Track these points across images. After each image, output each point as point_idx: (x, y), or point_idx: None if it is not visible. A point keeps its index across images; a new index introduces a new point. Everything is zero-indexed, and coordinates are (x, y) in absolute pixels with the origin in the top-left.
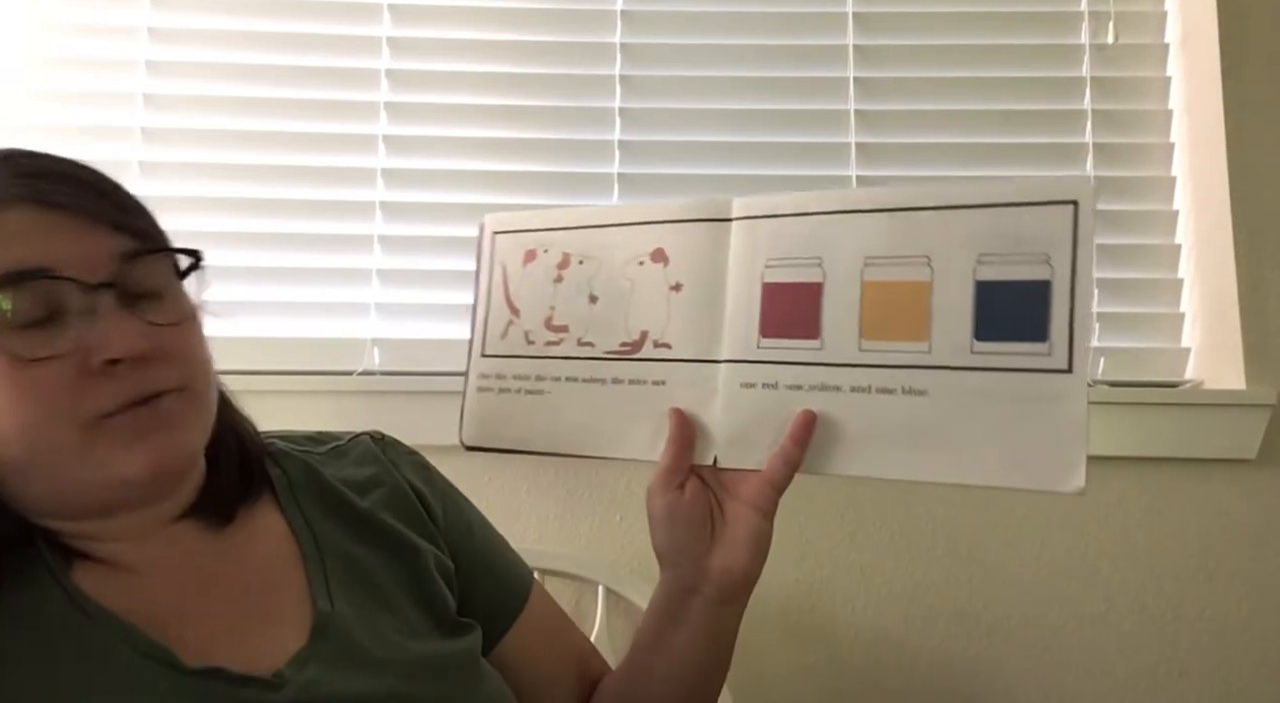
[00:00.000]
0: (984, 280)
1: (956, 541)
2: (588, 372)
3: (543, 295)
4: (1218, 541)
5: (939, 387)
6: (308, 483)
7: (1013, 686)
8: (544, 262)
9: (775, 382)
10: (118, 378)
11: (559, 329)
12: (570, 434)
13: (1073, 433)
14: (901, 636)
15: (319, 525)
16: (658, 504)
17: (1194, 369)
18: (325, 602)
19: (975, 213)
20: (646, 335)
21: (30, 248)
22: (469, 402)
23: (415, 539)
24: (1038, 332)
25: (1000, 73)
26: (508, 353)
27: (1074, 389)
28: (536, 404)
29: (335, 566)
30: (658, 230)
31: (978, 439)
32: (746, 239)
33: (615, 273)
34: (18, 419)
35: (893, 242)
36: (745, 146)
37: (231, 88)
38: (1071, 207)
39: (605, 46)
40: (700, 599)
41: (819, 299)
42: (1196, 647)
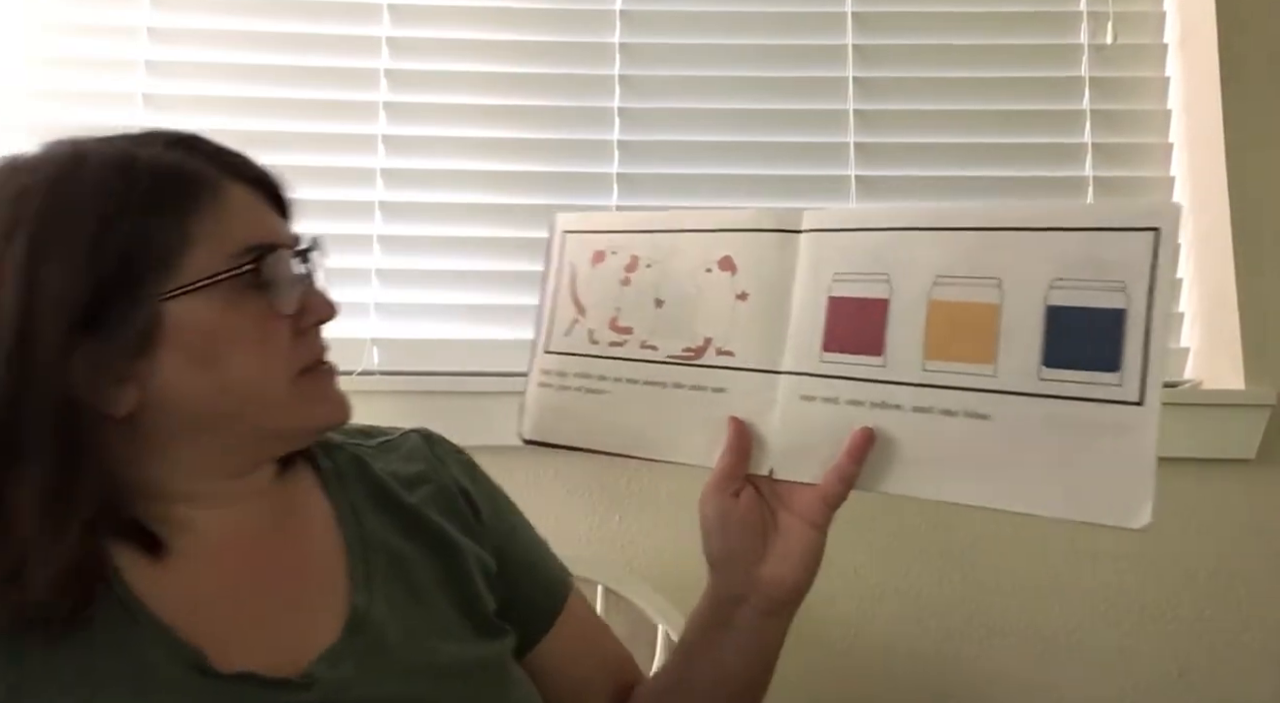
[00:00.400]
0: (1056, 305)
1: (954, 541)
2: (649, 375)
3: (609, 296)
4: (1218, 541)
5: (1002, 412)
6: (357, 475)
7: (1012, 686)
8: (612, 263)
9: (836, 396)
10: (311, 339)
11: (623, 331)
12: (627, 435)
13: (1141, 467)
14: (900, 637)
15: (365, 517)
16: (711, 510)
17: (1193, 369)
18: (363, 597)
19: (1051, 235)
20: (710, 342)
21: (259, 221)
22: (530, 396)
23: (459, 537)
24: (1109, 361)
25: (999, 73)
26: (571, 351)
27: (1144, 422)
28: (596, 403)
29: (377, 559)
30: (727, 238)
31: (1039, 468)
32: (814, 252)
33: (683, 278)
34: (254, 368)
35: (963, 261)
36: (745, 146)
37: (231, 88)
38: (1153, 234)
39: (605, 46)
40: (748, 609)
41: (884, 315)
42: (1196, 647)
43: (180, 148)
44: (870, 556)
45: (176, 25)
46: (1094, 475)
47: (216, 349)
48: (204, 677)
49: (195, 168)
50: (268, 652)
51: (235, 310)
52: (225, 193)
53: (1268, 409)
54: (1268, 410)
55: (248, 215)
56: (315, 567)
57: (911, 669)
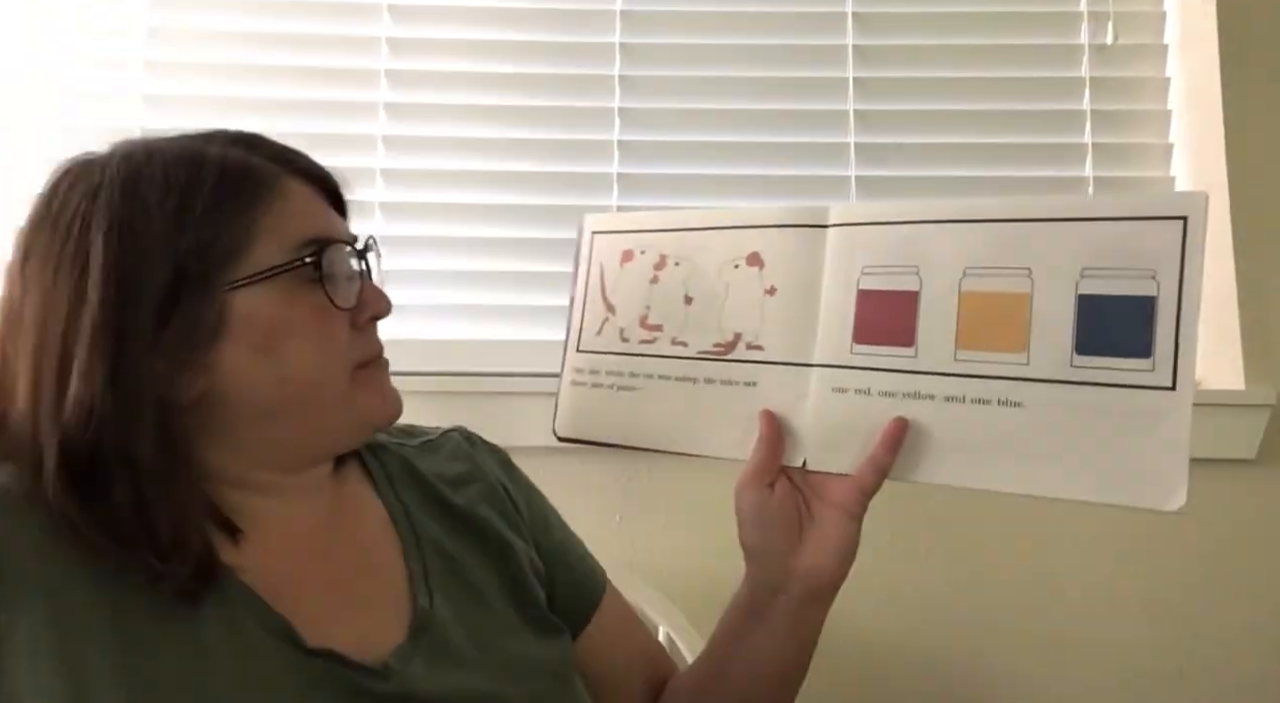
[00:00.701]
0: (1087, 294)
1: (956, 541)
2: (681, 371)
3: (639, 295)
4: (1218, 541)
5: (1036, 399)
6: (406, 476)
7: (1012, 686)
8: (641, 262)
9: (868, 388)
10: (369, 334)
11: (653, 328)
12: (661, 430)
13: (1175, 451)
14: (901, 636)
15: (417, 518)
16: (747, 501)
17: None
18: (425, 599)
19: (1080, 226)
20: (740, 337)
21: (319, 217)
22: (563, 394)
23: (509, 536)
24: (1141, 348)
25: (1000, 73)
26: (602, 350)
27: (1178, 407)
28: (629, 400)
29: (434, 560)
30: (753, 235)
31: (1074, 453)
32: (843, 246)
33: (711, 275)
34: (312, 360)
35: (993, 252)
36: (745, 146)
37: (231, 87)
38: (1181, 223)
39: (605, 46)
40: (785, 598)
41: (915, 307)
42: (1196, 647)
43: (243, 146)
44: (873, 555)
45: (176, 25)
46: (1129, 460)
47: (277, 340)
48: (295, 649)
49: (259, 165)
50: (345, 639)
51: (296, 303)
52: (287, 189)
53: (1268, 409)
54: (1268, 410)
55: (308, 211)
56: (375, 565)
57: (912, 668)
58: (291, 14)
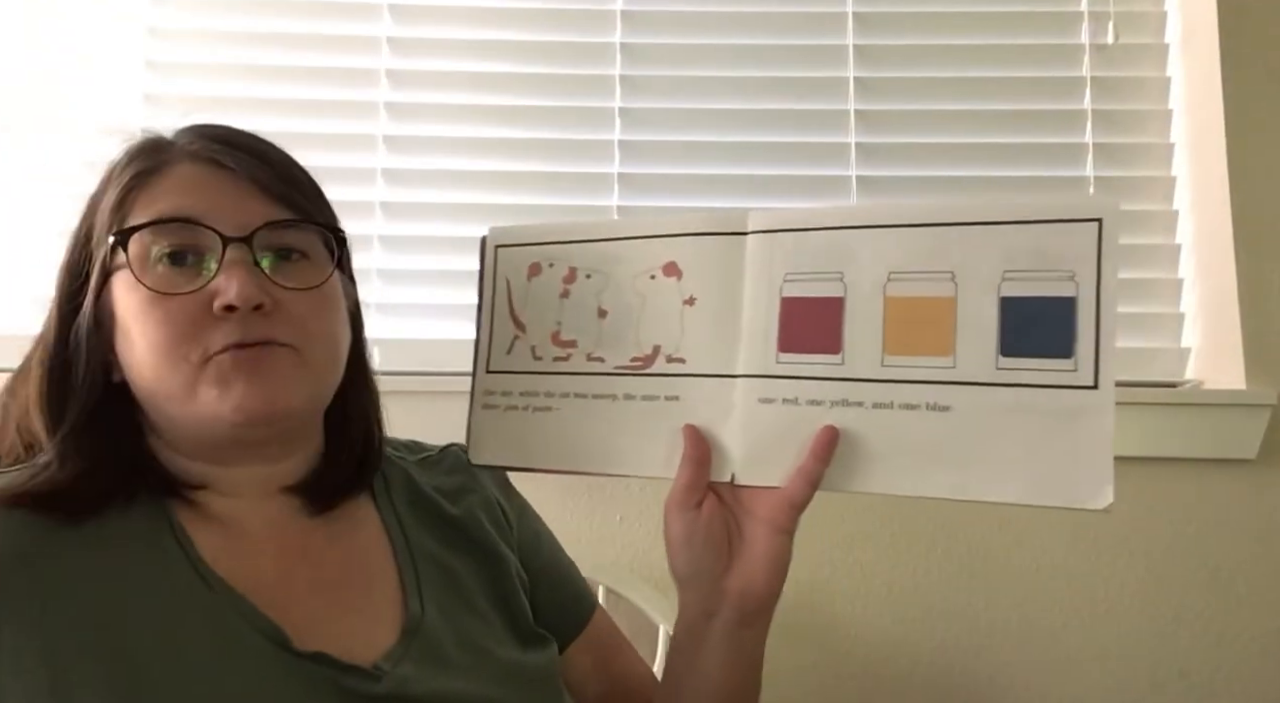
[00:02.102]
0: (1009, 297)
1: (956, 541)
2: (597, 388)
3: (549, 310)
4: (1218, 541)
5: (963, 403)
6: (404, 488)
7: (1013, 686)
8: (550, 275)
9: (795, 397)
10: (232, 322)
11: (567, 344)
12: (580, 451)
13: (1099, 449)
14: (901, 636)
15: (411, 530)
16: (675, 525)
17: (1194, 369)
18: (416, 604)
19: (1001, 229)
20: (659, 350)
21: (189, 198)
22: (474, 420)
23: (501, 548)
24: (1064, 348)
25: (1000, 73)
26: (514, 369)
27: (1101, 405)
28: (545, 421)
29: (427, 569)
30: (669, 244)
31: (1002, 456)
32: (763, 252)
33: (625, 287)
34: (149, 348)
35: (917, 257)
36: (745, 146)
37: (231, 87)
38: (1096, 224)
39: (605, 46)
40: (720, 622)
41: (840, 313)
42: (1196, 647)
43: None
44: (875, 555)
45: (176, 25)
46: (1055, 460)
47: (128, 325)
48: (283, 651)
49: (163, 149)
50: (337, 644)
51: (136, 289)
52: (169, 169)
53: (1268, 409)
54: (1268, 410)
55: (170, 195)
56: (367, 572)
57: (913, 669)
58: (292, 13)
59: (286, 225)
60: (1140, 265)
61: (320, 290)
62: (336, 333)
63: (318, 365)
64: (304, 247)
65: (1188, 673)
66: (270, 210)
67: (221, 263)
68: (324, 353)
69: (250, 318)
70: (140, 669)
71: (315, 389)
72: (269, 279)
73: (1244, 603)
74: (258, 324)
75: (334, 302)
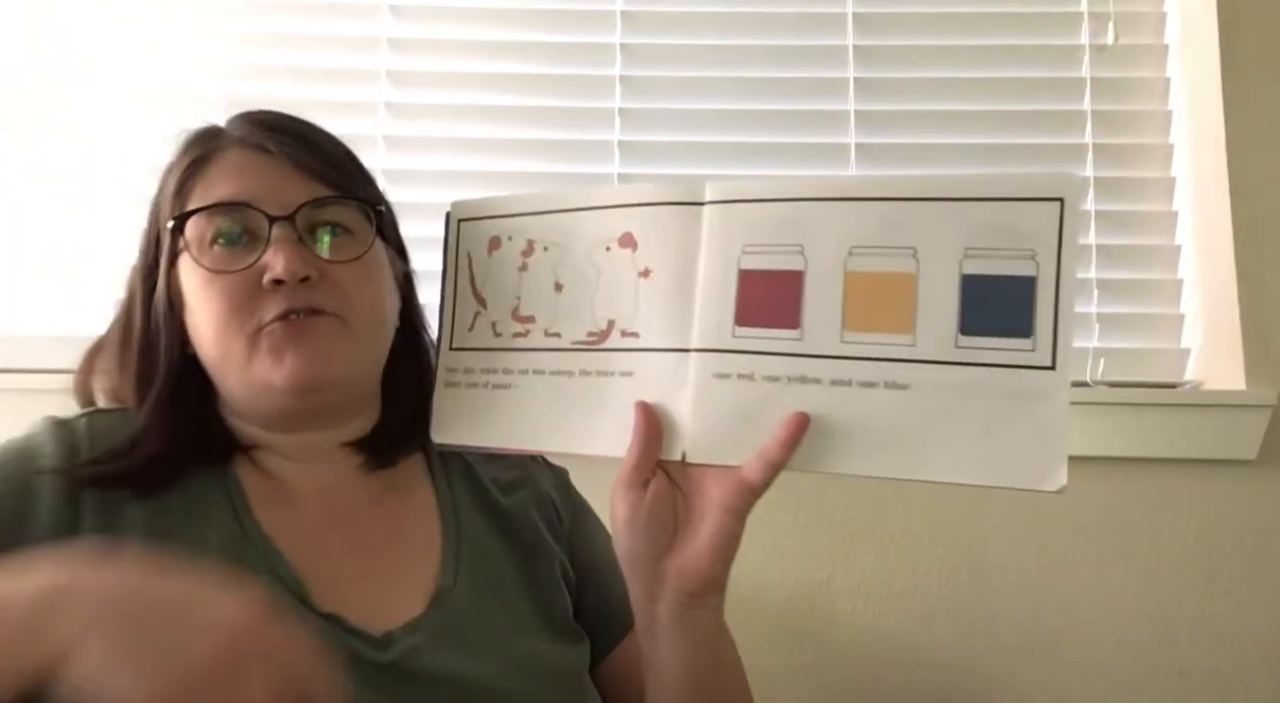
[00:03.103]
0: (970, 274)
1: (956, 541)
2: (554, 364)
3: (509, 285)
4: (1218, 541)
5: (921, 381)
6: (463, 475)
7: (1012, 686)
8: (509, 249)
9: (751, 372)
10: (280, 294)
11: (525, 320)
12: (538, 430)
13: (1054, 431)
14: (901, 636)
15: (464, 513)
16: (620, 506)
17: (1194, 369)
18: (448, 579)
19: (963, 206)
20: (614, 324)
21: (238, 183)
22: (438, 397)
23: (547, 539)
24: (1023, 328)
25: (1000, 73)
26: (475, 346)
27: (1057, 386)
28: (504, 399)
29: (467, 551)
30: (625, 214)
31: (957, 436)
32: (721, 224)
33: (581, 259)
34: (210, 323)
35: (878, 232)
36: (745, 147)
37: (231, 87)
38: (1058, 204)
39: (605, 46)
40: (664, 605)
41: (800, 287)
42: (1196, 647)
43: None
44: (875, 555)
45: (177, 24)
46: (1010, 441)
47: (194, 303)
48: (301, 605)
49: (213, 133)
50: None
51: (197, 269)
52: (220, 156)
53: (1269, 410)
54: (1268, 411)
55: (224, 179)
56: (410, 545)
57: (913, 668)
58: (292, 12)
59: (327, 202)
60: (1140, 265)
61: (362, 261)
62: (381, 301)
63: (363, 332)
64: (346, 221)
65: (1188, 673)
66: (311, 189)
67: (269, 240)
68: (369, 319)
69: (298, 289)
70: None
71: (362, 355)
72: (313, 254)
73: (1244, 603)
74: (305, 294)
75: (378, 271)
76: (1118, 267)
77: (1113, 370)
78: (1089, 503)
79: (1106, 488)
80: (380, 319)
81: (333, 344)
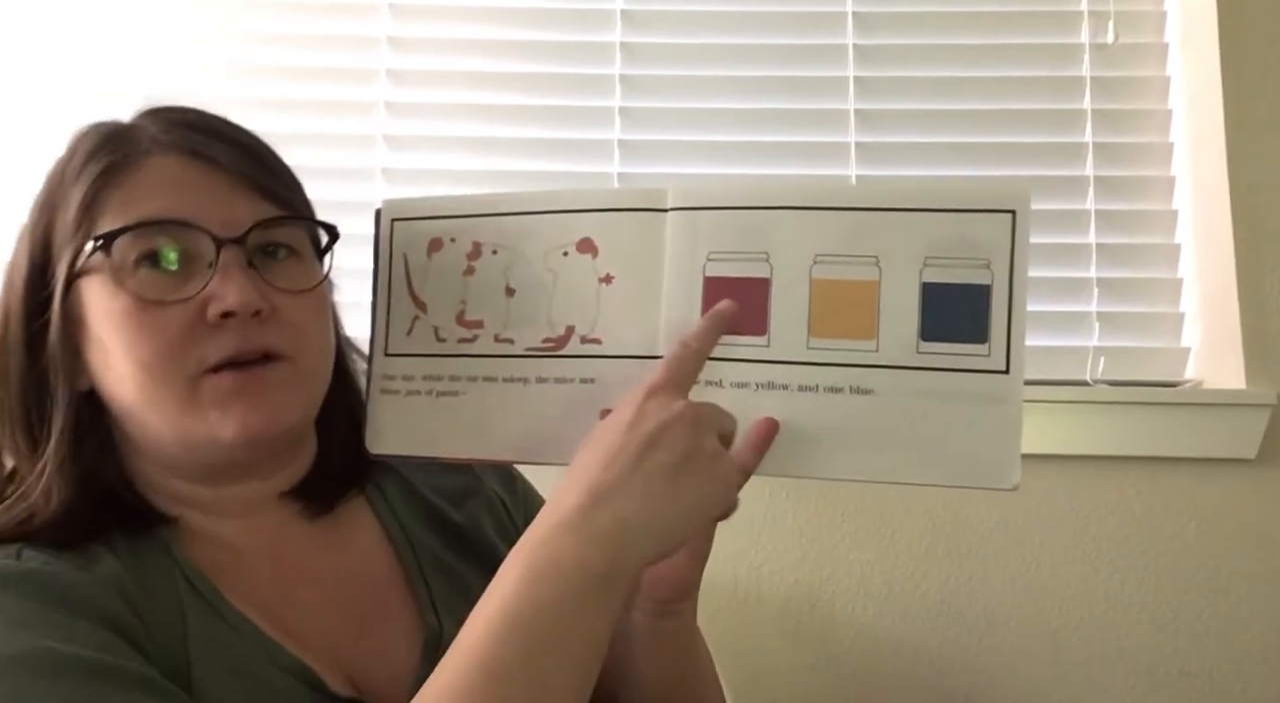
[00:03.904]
0: (930, 282)
1: (956, 540)
2: (507, 370)
3: (452, 289)
4: (1218, 541)
5: (885, 386)
6: (398, 486)
7: (1012, 686)
8: (452, 251)
9: (719, 379)
10: (229, 331)
11: (472, 325)
12: (492, 438)
13: (1009, 432)
14: (901, 636)
15: (414, 532)
16: None
17: (1194, 369)
18: (433, 618)
19: (922, 216)
20: (573, 331)
21: (176, 197)
22: (372, 406)
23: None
24: (978, 334)
25: (1000, 72)
26: (415, 351)
27: (1011, 389)
28: (451, 406)
29: (437, 579)
30: (584, 219)
31: (921, 439)
32: (685, 230)
33: (535, 264)
34: (135, 359)
35: (842, 240)
36: (745, 146)
37: (231, 87)
38: (1010, 215)
39: (605, 46)
40: (639, 614)
41: (767, 295)
42: (1196, 647)
43: (159, 119)
44: (875, 554)
45: (175, 24)
46: (968, 443)
47: (106, 336)
48: (318, 694)
49: (125, 135)
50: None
51: (120, 294)
52: (143, 163)
53: (1268, 409)
54: (1268, 410)
55: (153, 192)
56: (372, 580)
57: (913, 668)
58: (292, 12)
59: (278, 223)
60: (1140, 265)
61: (315, 292)
62: (329, 336)
63: (312, 375)
64: (295, 243)
65: (1188, 673)
66: (259, 207)
67: (216, 266)
68: (318, 361)
69: (249, 326)
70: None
71: (311, 400)
72: (265, 282)
73: (1244, 603)
74: (257, 333)
75: (325, 302)
76: (1118, 266)
77: (1113, 369)
78: (1089, 503)
79: (1106, 487)
80: (327, 359)
81: (285, 393)
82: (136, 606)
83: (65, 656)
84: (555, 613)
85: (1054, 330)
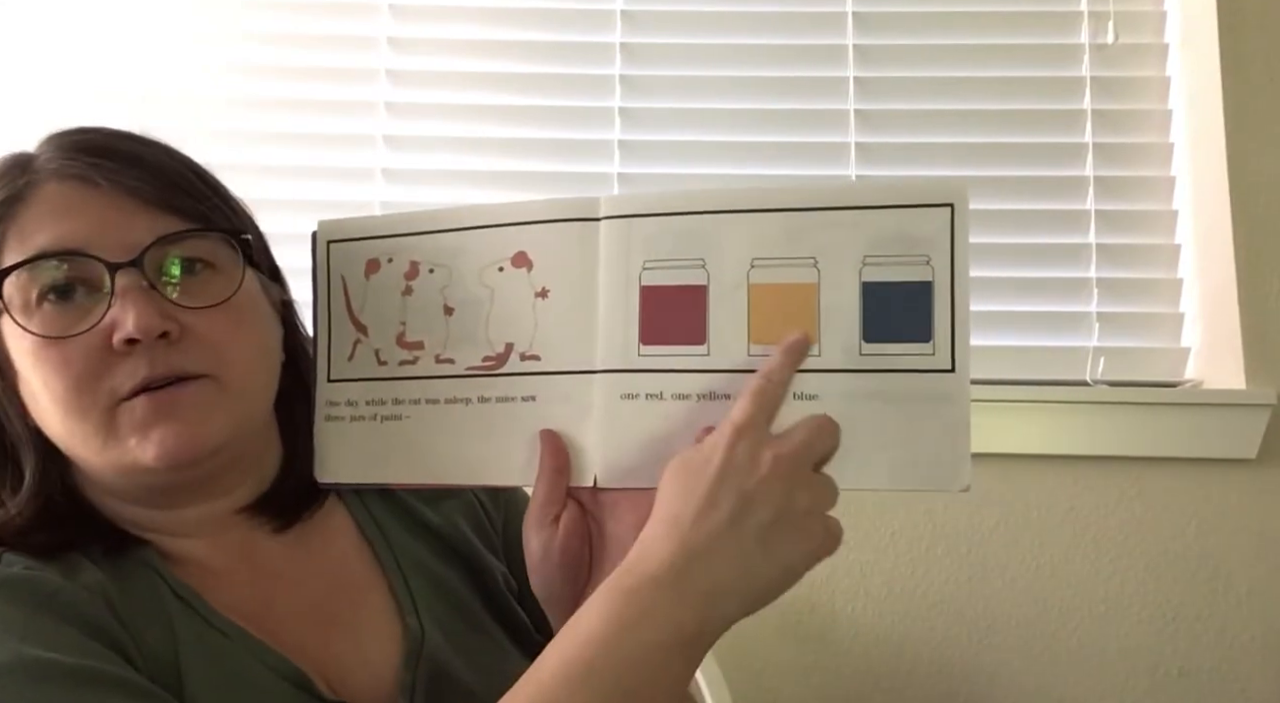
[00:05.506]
0: (870, 282)
1: (956, 541)
2: (449, 391)
3: (391, 310)
4: (1218, 541)
5: (829, 390)
6: (377, 492)
7: (1012, 686)
8: (389, 272)
9: (660, 391)
10: (137, 357)
11: (413, 346)
12: (437, 461)
13: (957, 432)
14: (901, 636)
15: (393, 535)
16: (532, 543)
17: (1194, 369)
18: (414, 622)
19: (859, 214)
20: (511, 348)
21: (64, 226)
22: (319, 433)
23: (487, 558)
24: (922, 332)
25: (1000, 72)
26: (357, 376)
27: (957, 388)
28: (396, 431)
29: (418, 582)
30: (518, 232)
31: (868, 442)
32: (619, 239)
33: (471, 280)
34: (51, 395)
35: (778, 243)
36: (745, 146)
37: (231, 86)
38: (948, 209)
39: (605, 46)
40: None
41: (704, 302)
42: (1196, 647)
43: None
44: (875, 554)
45: (176, 24)
46: (916, 445)
47: (26, 373)
48: (309, 697)
49: (21, 165)
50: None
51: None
52: (34, 194)
53: (1268, 409)
54: (1268, 410)
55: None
56: (352, 584)
57: (912, 668)
58: (292, 12)
59: (181, 237)
60: (1140, 265)
61: (231, 304)
62: (258, 346)
63: (240, 390)
64: (207, 255)
65: (1188, 673)
66: (157, 224)
67: (112, 292)
68: (246, 375)
69: (156, 349)
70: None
71: (245, 414)
72: (170, 302)
73: (1244, 603)
74: (166, 355)
75: (251, 311)
76: (1117, 266)
77: (1112, 370)
78: (1089, 502)
79: (1106, 487)
80: (258, 370)
81: (205, 411)
82: (122, 615)
83: (51, 662)
84: (640, 669)
85: (1054, 330)
